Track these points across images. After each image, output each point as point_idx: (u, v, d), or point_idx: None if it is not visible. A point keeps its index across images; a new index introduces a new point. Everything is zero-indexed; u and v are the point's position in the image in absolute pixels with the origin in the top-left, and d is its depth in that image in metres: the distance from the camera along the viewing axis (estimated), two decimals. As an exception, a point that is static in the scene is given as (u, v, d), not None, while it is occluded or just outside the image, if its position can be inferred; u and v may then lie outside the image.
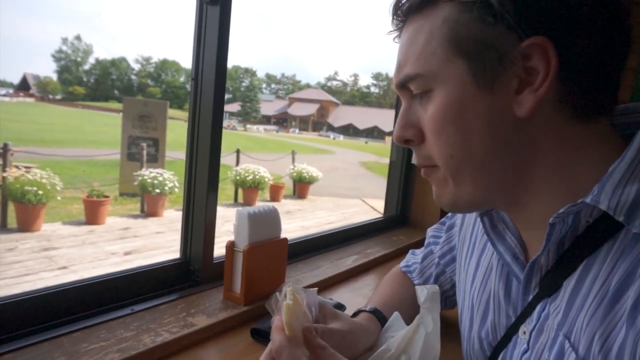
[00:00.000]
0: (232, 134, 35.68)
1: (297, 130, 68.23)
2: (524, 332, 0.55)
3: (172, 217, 7.00)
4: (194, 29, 1.01)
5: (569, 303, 0.49)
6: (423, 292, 0.72)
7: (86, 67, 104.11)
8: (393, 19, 0.56)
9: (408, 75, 0.53)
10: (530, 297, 0.55)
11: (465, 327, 0.71)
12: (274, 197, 9.43)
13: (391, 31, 0.57)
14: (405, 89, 0.55)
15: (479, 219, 0.64)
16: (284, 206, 8.95)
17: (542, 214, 0.50)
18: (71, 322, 0.83)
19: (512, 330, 0.58)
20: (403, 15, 0.54)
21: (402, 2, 0.53)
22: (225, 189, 9.50)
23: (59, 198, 6.32)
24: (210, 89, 1.01)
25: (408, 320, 0.72)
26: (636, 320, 0.41)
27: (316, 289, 0.66)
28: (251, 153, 12.35)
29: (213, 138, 1.03)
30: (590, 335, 0.45)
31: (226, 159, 10.22)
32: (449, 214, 0.90)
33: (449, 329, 0.75)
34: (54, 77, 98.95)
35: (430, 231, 0.95)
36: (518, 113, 0.47)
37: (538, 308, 0.53)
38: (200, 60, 1.02)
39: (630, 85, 1.91)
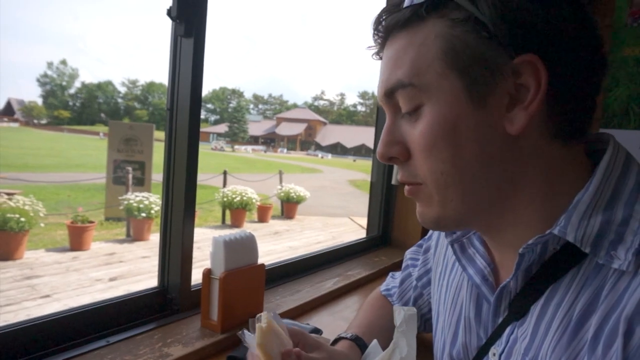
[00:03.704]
0: (220, 155, 35.61)
1: (285, 150, 68.32)
2: (494, 354, 0.56)
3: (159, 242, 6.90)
4: (169, 60, 1.04)
5: (535, 328, 0.50)
6: (400, 314, 0.73)
7: (72, 91, 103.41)
8: (374, 35, 0.55)
9: (401, 81, 0.51)
10: (500, 319, 0.56)
11: (438, 348, 0.71)
12: (262, 218, 9.38)
13: (371, 46, 0.57)
14: (391, 101, 0.54)
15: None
16: (272, 227, 8.90)
17: (518, 238, 0.52)
18: (43, 356, 0.82)
19: (482, 351, 0.59)
20: (386, 31, 0.54)
21: (383, 17, 0.53)
22: (213, 211, 9.44)
23: (42, 224, 6.21)
24: (186, 119, 1.03)
25: (388, 346, 0.73)
26: (596, 349, 0.43)
27: (275, 312, 0.66)
28: (239, 174, 12.34)
29: (189, 168, 1.04)
30: None
31: (213, 180, 10.18)
32: (426, 237, 0.91)
33: (426, 352, 0.75)
34: (39, 101, 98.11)
35: (408, 254, 0.96)
36: (509, 130, 0.48)
37: (507, 331, 0.54)
38: (176, 91, 1.04)
39: (601, 104, 1.98)
